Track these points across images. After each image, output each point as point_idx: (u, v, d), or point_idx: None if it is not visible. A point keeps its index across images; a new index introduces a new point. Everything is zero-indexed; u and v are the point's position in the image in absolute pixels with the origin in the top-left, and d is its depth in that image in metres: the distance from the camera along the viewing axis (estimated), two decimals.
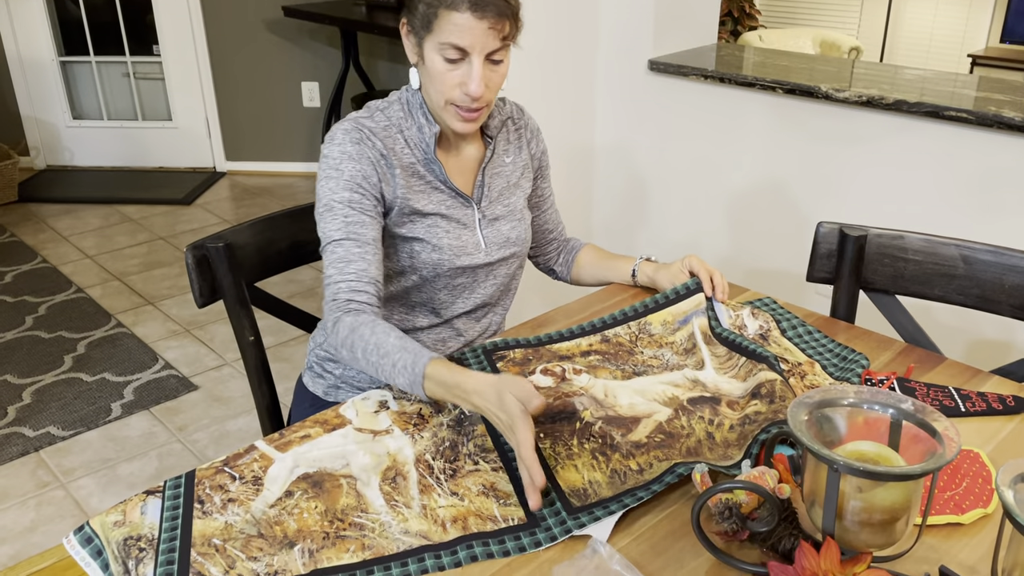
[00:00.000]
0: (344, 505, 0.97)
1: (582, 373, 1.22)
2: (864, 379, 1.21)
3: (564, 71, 2.42)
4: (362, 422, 1.11)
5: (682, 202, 2.48)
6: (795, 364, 1.25)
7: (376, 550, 0.91)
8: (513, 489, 1.00)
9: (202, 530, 0.92)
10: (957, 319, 1.99)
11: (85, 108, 4.55)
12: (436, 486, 1.00)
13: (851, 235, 1.44)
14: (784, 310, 1.41)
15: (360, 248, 1.21)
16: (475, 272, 1.36)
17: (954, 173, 1.94)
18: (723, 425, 1.11)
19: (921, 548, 0.91)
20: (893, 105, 1.95)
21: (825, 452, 0.78)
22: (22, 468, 2.32)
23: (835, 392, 0.89)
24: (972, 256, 1.39)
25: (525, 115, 1.45)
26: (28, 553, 2.03)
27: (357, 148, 1.24)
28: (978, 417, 1.13)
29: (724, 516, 0.89)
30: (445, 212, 1.31)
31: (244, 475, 1.01)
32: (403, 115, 1.30)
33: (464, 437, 1.08)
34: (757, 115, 2.24)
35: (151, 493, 0.98)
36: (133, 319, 3.12)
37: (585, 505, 0.97)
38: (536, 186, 1.47)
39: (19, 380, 2.72)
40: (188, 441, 2.43)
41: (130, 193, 4.28)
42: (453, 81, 1.20)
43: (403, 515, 0.95)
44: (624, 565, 0.86)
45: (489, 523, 0.95)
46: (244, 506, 0.96)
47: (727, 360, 1.24)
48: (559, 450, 1.06)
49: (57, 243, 3.76)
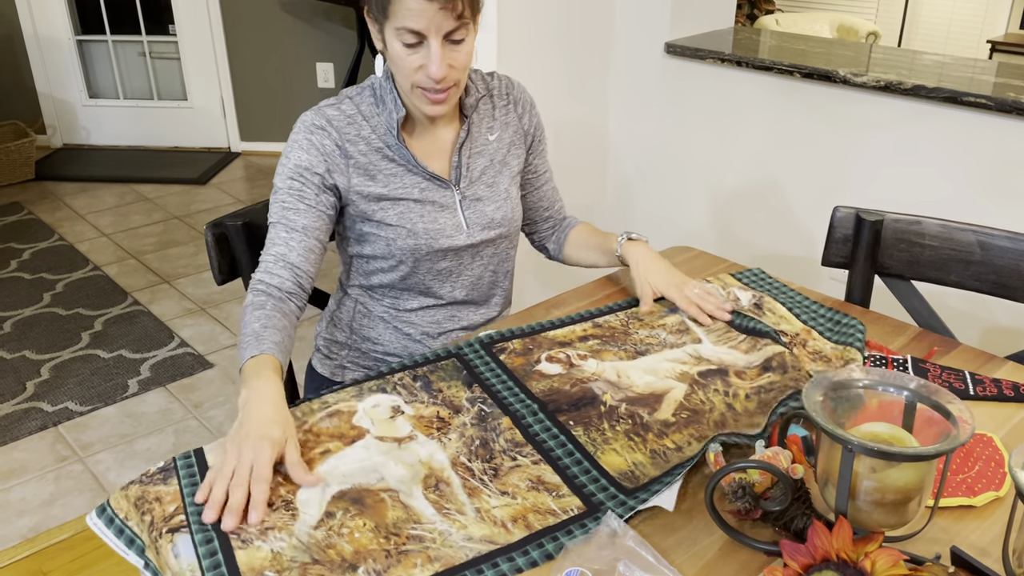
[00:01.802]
0: (394, 519, 0.92)
1: (588, 359, 1.22)
2: (875, 357, 1.21)
3: (579, 52, 2.41)
4: (381, 430, 1.06)
5: (696, 185, 2.48)
6: (793, 335, 1.28)
7: (445, 561, 0.87)
8: (561, 480, 0.98)
9: (248, 562, 0.86)
10: (971, 305, 1.99)
11: (101, 87, 4.57)
12: (483, 488, 0.97)
13: (868, 220, 1.44)
14: (773, 279, 1.44)
15: (287, 233, 1.23)
16: (459, 255, 1.34)
17: (972, 159, 1.93)
18: (739, 395, 1.13)
19: (933, 529, 0.91)
20: (911, 90, 1.94)
21: (840, 432, 0.79)
22: (40, 442, 2.35)
23: (850, 374, 0.89)
24: (989, 242, 1.38)
25: (516, 89, 1.41)
26: (47, 525, 2.06)
27: (308, 138, 1.25)
28: (990, 402, 1.14)
29: (737, 495, 0.90)
30: (418, 196, 1.30)
31: (272, 501, 0.94)
32: (373, 101, 1.29)
33: (493, 433, 1.06)
34: (773, 99, 2.23)
35: (175, 531, 0.90)
36: (149, 297, 3.15)
37: (639, 486, 0.97)
38: (528, 162, 1.45)
39: (37, 356, 2.75)
40: (204, 418, 2.46)
41: (145, 172, 4.30)
42: (413, 65, 1.19)
43: (460, 522, 0.92)
44: (638, 542, 0.87)
45: (550, 517, 0.93)
46: (285, 531, 0.90)
47: (724, 333, 1.28)
48: (594, 436, 1.06)
49: (74, 221, 3.79)
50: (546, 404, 1.11)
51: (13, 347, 2.80)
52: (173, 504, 0.94)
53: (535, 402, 1.12)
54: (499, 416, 1.09)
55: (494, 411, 1.10)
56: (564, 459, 1.02)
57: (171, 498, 0.95)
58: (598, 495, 0.96)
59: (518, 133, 1.41)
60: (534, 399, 1.12)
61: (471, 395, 1.13)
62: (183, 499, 0.94)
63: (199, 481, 0.97)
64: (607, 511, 0.93)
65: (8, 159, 4.11)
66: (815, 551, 0.81)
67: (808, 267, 2.27)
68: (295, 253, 1.22)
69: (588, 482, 0.98)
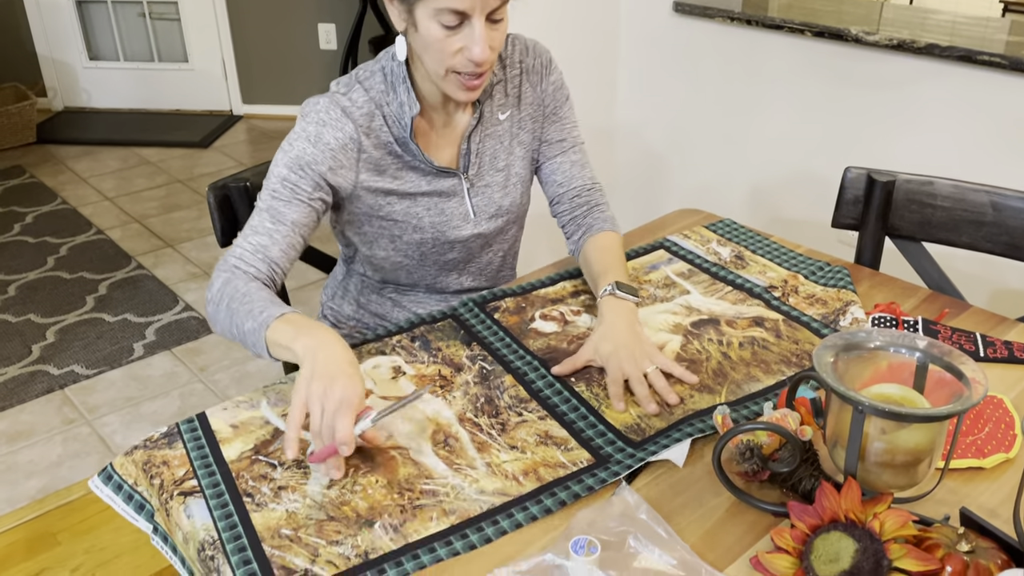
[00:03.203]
0: (405, 475, 0.93)
1: (581, 314, 1.23)
2: (886, 318, 1.20)
3: (587, 11, 2.37)
4: (384, 390, 1.07)
5: (705, 146, 2.45)
6: (781, 282, 1.30)
7: (460, 513, 0.88)
8: (568, 434, 0.99)
9: (264, 523, 0.87)
10: (980, 268, 1.97)
11: (101, 49, 4.52)
12: (492, 442, 0.98)
13: (879, 180, 1.42)
14: (746, 229, 1.47)
15: (273, 224, 1.14)
16: (467, 245, 1.30)
17: (985, 118, 1.90)
18: (732, 344, 1.16)
19: (941, 491, 0.91)
20: (924, 49, 1.91)
21: (851, 393, 0.78)
22: (47, 405, 2.36)
23: (861, 335, 0.88)
24: (1002, 203, 1.36)
25: (530, 55, 1.30)
26: (56, 487, 2.08)
27: (318, 130, 1.16)
28: (1001, 364, 1.13)
29: (745, 457, 0.89)
30: (425, 189, 1.24)
31: (283, 461, 0.95)
32: (384, 88, 1.20)
33: (497, 391, 1.06)
34: (783, 58, 2.19)
35: (187, 495, 0.90)
36: (153, 261, 3.14)
37: (646, 438, 0.98)
38: (544, 130, 1.33)
39: (42, 319, 2.76)
40: (209, 381, 2.47)
41: (147, 135, 4.27)
42: (453, 48, 1.09)
43: (471, 476, 0.93)
44: (651, 516, 0.86)
45: (560, 470, 0.94)
46: (298, 492, 0.91)
47: (711, 285, 1.30)
48: (596, 391, 1.06)
49: (76, 185, 3.77)
50: (547, 362, 1.12)
51: (18, 310, 2.80)
52: (182, 468, 0.94)
53: (535, 359, 1.12)
54: (501, 374, 1.10)
55: (496, 368, 1.11)
56: (569, 414, 1.02)
57: (179, 462, 0.95)
58: (606, 448, 0.97)
59: (533, 104, 1.31)
60: (534, 356, 1.13)
61: (471, 353, 1.14)
62: (191, 463, 0.94)
63: (204, 444, 0.97)
64: (620, 466, 0.93)
65: (9, 122, 4.08)
66: (823, 512, 0.81)
67: (817, 229, 2.25)
68: (277, 248, 1.13)
69: (595, 435, 0.99)
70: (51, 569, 1.85)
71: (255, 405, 1.05)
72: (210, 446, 0.97)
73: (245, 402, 1.06)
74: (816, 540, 0.79)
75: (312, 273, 3.03)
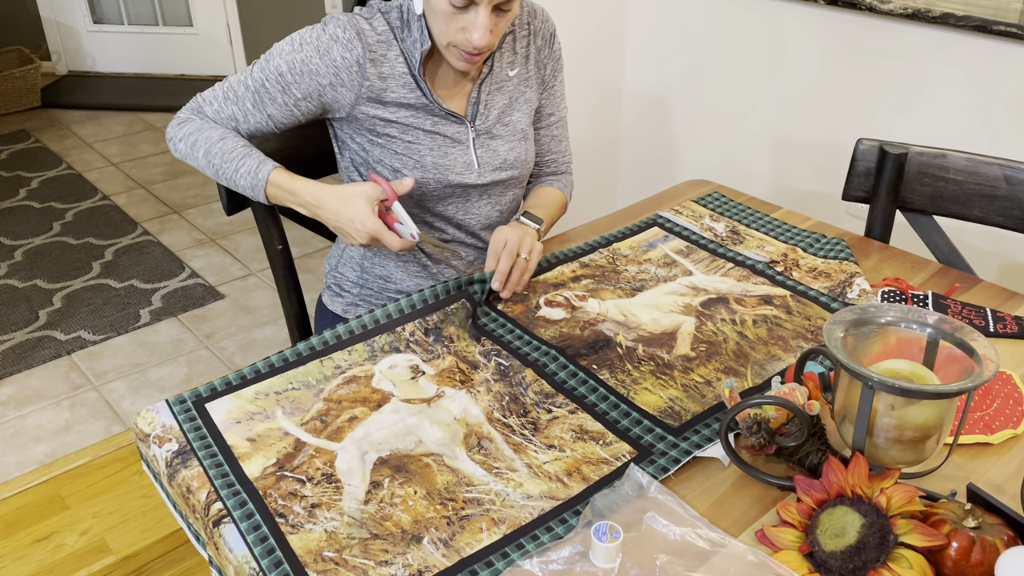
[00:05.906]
0: (444, 483, 0.88)
1: (587, 299, 1.20)
2: (894, 292, 1.19)
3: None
4: (405, 392, 1.02)
5: (715, 117, 2.43)
6: (782, 256, 1.30)
7: (511, 522, 0.83)
8: (603, 427, 0.96)
9: (304, 546, 0.81)
10: (990, 242, 1.95)
11: (105, 12, 4.47)
12: (527, 443, 0.94)
13: (891, 153, 1.40)
14: (735, 202, 1.47)
15: (254, 106, 1.22)
16: (466, 193, 1.30)
17: (1000, 90, 1.87)
18: (746, 322, 1.15)
19: (949, 467, 0.91)
20: (940, 18, 1.87)
21: (860, 369, 0.78)
22: (55, 370, 2.37)
23: (872, 310, 0.87)
24: (1016, 176, 1.35)
25: (537, 19, 1.33)
26: (64, 452, 2.09)
27: (329, 45, 1.19)
28: (1011, 340, 1.12)
29: (752, 431, 0.89)
30: (430, 128, 1.25)
31: (312, 476, 0.89)
32: (400, 24, 1.23)
33: (520, 388, 1.02)
34: (796, 27, 2.16)
35: (218, 523, 0.84)
36: (159, 227, 3.14)
37: (684, 424, 0.96)
38: (540, 97, 1.37)
39: (49, 285, 2.76)
40: (216, 348, 2.47)
41: (152, 100, 4.24)
42: (457, 26, 1.14)
43: (514, 480, 0.89)
44: (663, 492, 0.87)
45: (604, 466, 0.90)
46: (334, 509, 0.85)
47: (712, 263, 1.29)
48: (621, 377, 1.04)
49: (81, 150, 3.76)
50: (563, 350, 1.08)
51: (25, 276, 2.80)
52: (203, 489, 0.88)
53: (552, 348, 1.09)
54: (520, 369, 1.05)
55: (513, 364, 1.06)
56: (600, 404, 0.99)
57: (199, 483, 0.89)
58: (645, 437, 0.94)
59: (537, 66, 1.34)
60: (550, 346, 1.09)
61: (483, 349, 1.09)
62: (211, 481, 0.88)
63: (211, 444, 0.92)
64: (666, 459, 0.91)
65: (13, 86, 4.06)
66: (830, 487, 0.81)
67: (827, 201, 2.23)
68: (246, 127, 1.24)
69: (631, 425, 0.96)
70: (60, 532, 1.88)
71: (270, 416, 0.98)
72: (229, 463, 0.90)
73: (259, 413, 0.99)
74: (822, 514, 0.80)
75: (317, 241, 3.03)
